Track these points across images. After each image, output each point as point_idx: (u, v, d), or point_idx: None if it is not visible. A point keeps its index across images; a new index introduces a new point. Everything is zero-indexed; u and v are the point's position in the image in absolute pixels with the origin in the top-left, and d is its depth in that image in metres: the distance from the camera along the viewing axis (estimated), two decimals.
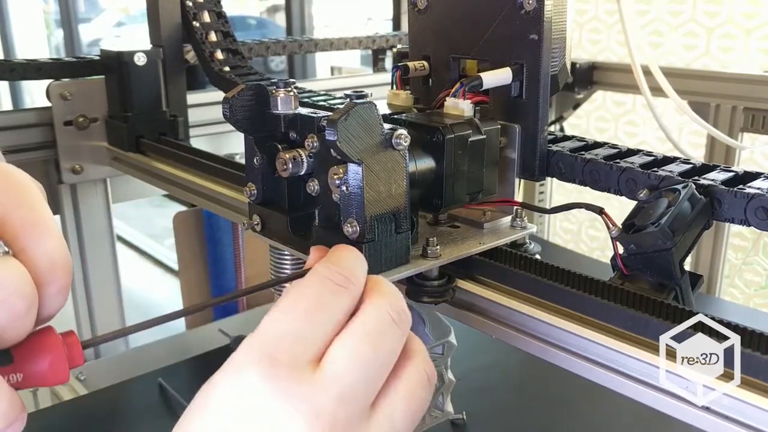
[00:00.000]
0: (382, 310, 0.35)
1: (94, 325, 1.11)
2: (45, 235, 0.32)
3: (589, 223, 2.14)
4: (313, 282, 0.35)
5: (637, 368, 0.41)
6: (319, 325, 0.33)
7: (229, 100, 0.45)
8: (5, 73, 0.96)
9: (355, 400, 0.33)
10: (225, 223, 1.18)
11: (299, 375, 0.32)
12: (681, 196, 0.45)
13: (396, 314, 0.35)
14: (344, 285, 0.35)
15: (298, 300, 0.34)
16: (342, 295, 0.35)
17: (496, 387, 0.92)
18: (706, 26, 1.78)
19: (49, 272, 0.31)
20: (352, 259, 0.37)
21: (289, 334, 0.33)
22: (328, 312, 0.34)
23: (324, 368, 0.32)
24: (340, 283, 0.35)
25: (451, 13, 0.57)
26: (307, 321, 0.33)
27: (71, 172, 1.00)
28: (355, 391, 0.33)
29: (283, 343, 0.32)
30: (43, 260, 0.31)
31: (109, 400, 0.96)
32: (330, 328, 0.34)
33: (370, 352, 0.33)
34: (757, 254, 1.64)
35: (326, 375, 0.32)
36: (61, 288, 0.32)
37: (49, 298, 0.32)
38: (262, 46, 1.17)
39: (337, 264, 0.36)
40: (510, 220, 0.54)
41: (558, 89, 0.54)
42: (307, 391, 0.32)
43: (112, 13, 5.77)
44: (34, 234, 0.31)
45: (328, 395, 0.32)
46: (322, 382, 0.32)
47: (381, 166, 0.42)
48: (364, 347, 0.33)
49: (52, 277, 0.32)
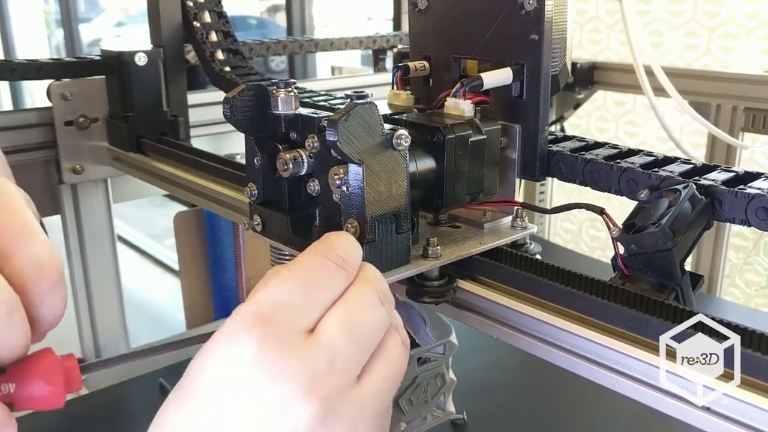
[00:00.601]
0: (370, 289, 0.37)
1: (94, 324, 1.11)
2: (26, 237, 0.32)
3: (589, 223, 2.14)
4: (312, 258, 0.36)
5: (638, 368, 0.41)
6: (314, 298, 0.35)
7: (229, 100, 0.46)
8: (6, 73, 0.96)
9: (346, 368, 0.34)
10: (225, 223, 1.18)
11: (293, 341, 0.33)
12: (682, 196, 0.45)
13: (383, 294, 0.37)
14: (341, 266, 0.36)
15: (296, 273, 0.35)
16: (338, 276, 0.36)
17: (497, 387, 0.92)
18: (706, 26, 1.78)
19: (36, 274, 0.31)
20: (349, 244, 0.38)
21: (285, 304, 0.34)
22: (323, 289, 0.35)
23: (318, 336, 0.34)
24: (338, 264, 0.36)
25: (451, 13, 0.57)
26: (303, 293, 0.34)
27: (72, 172, 1.00)
28: (345, 358, 0.34)
29: (278, 311, 0.33)
30: (28, 263, 0.31)
31: (109, 400, 0.96)
32: (324, 302, 0.35)
33: (360, 325, 0.35)
34: (757, 254, 1.64)
35: (320, 343, 0.33)
36: (52, 286, 0.32)
37: (41, 298, 0.31)
38: (263, 46, 1.17)
39: (334, 245, 0.37)
40: (510, 220, 0.54)
41: (558, 89, 0.54)
42: (302, 357, 0.32)
43: (112, 13, 5.77)
44: (14, 238, 0.31)
45: (322, 361, 0.33)
46: (316, 349, 0.33)
47: (381, 167, 0.42)
48: (355, 320, 0.35)
49: (39, 278, 0.31)
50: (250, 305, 0.34)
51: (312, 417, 0.32)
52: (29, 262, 0.31)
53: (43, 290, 0.32)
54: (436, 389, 0.71)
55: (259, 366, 0.32)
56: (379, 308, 0.37)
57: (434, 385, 0.71)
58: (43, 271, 0.32)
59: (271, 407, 0.32)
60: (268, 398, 0.32)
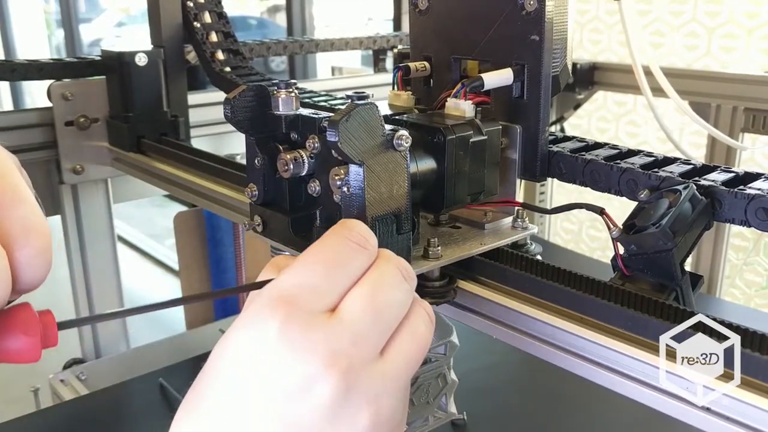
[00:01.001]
0: (393, 267, 0.37)
1: (94, 324, 1.11)
2: (15, 201, 0.32)
3: (589, 223, 2.14)
4: (333, 240, 0.37)
5: (637, 368, 0.41)
6: (337, 279, 0.35)
7: (230, 100, 0.46)
8: (6, 73, 0.96)
9: (368, 342, 0.34)
10: (226, 224, 1.18)
11: (316, 320, 0.33)
12: (682, 196, 0.45)
13: (405, 271, 0.38)
14: (363, 245, 0.37)
15: (318, 255, 0.36)
16: (360, 255, 0.36)
17: (497, 387, 0.92)
18: (707, 26, 1.78)
19: (22, 236, 0.31)
20: (367, 228, 0.39)
21: (307, 286, 0.34)
22: (346, 269, 0.36)
23: (340, 314, 0.34)
24: (360, 243, 0.37)
25: (452, 13, 0.57)
26: (326, 275, 0.35)
27: (72, 173, 1.00)
28: (368, 334, 0.34)
29: (301, 293, 0.34)
30: (15, 225, 0.31)
31: (109, 400, 0.96)
32: (347, 282, 0.35)
33: (383, 300, 0.35)
34: (757, 255, 1.64)
35: (342, 320, 0.34)
36: (39, 251, 0.32)
37: (26, 262, 0.31)
38: (263, 46, 1.17)
39: (355, 228, 0.38)
40: (511, 220, 0.54)
41: (559, 90, 0.54)
42: (324, 335, 0.33)
43: (112, 13, 5.77)
44: (4, 200, 0.31)
45: (344, 338, 0.33)
46: (339, 326, 0.33)
47: (382, 167, 0.42)
48: (378, 296, 0.35)
49: (26, 241, 0.31)
50: (273, 288, 0.34)
51: (334, 390, 0.32)
52: (17, 225, 0.31)
53: (29, 254, 0.31)
54: (438, 390, 0.71)
55: (282, 344, 0.32)
56: (402, 284, 0.37)
57: (436, 386, 0.71)
58: (30, 235, 0.31)
59: (294, 383, 0.32)
60: (291, 374, 0.32)
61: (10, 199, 0.32)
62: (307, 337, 0.33)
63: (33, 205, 0.32)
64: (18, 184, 0.32)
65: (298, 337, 0.32)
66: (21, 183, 0.33)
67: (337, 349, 0.33)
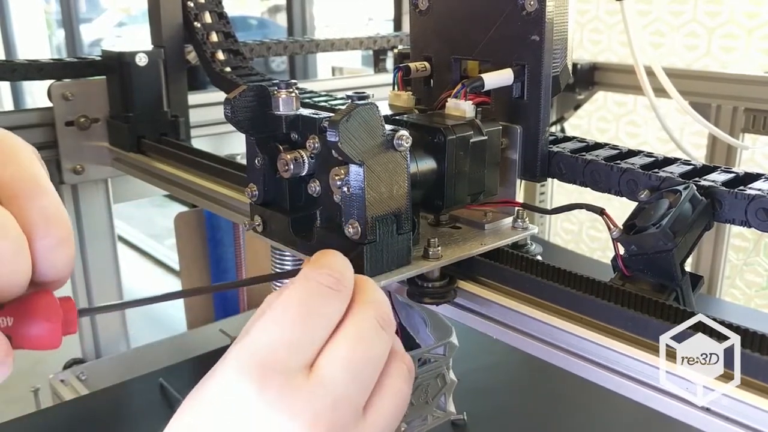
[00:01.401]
0: (371, 316, 0.35)
1: (94, 324, 1.11)
2: (36, 191, 0.31)
3: (589, 223, 2.14)
4: (303, 286, 0.35)
5: (637, 368, 0.41)
6: (313, 330, 0.33)
7: (230, 100, 0.46)
8: (7, 73, 0.96)
9: (349, 403, 0.33)
10: (226, 224, 1.18)
11: (294, 382, 0.32)
12: (682, 197, 0.45)
13: (383, 320, 0.36)
14: (336, 288, 0.35)
15: (289, 305, 0.34)
16: (334, 299, 0.35)
17: (497, 387, 0.92)
18: (707, 26, 1.78)
19: (43, 226, 0.31)
20: (340, 262, 0.37)
21: (282, 342, 0.32)
22: (320, 316, 0.34)
23: (319, 373, 0.33)
24: (332, 286, 0.35)
25: (452, 14, 0.57)
26: (300, 327, 0.33)
27: (72, 173, 1.00)
28: (350, 394, 0.33)
29: (276, 352, 0.32)
30: (37, 215, 0.31)
31: (110, 400, 0.96)
32: (323, 332, 0.34)
33: (362, 357, 0.34)
34: (758, 255, 1.64)
35: (322, 380, 0.32)
36: (61, 240, 0.32)
37: (47, 251, 0.31)
38: (264, 46, 1.17)
39: (327, 266, 0.36)
40: (511, 221, 0.54)
41: (559, 90, 0.54)
42: (304, 398, 0.32)
43: (113, 13, 5.77)
44: (24, 190, 0.31)
45: (325, 400, 0.32)
46: (319, 388, 0.32)
47: (382, 167, 0.42)
48: (357, 353, 0.34)
49: (47, 231, 0.31)
50: (245, 348, 0.32)
51: None
52: (38, 214, 0.31)
53: (49, 244, 0.31)
54: (437, 390, 0.71)
55: (260, 410, 0.31)
56: (380, 334, 0.35)
57: (435, 386, 0.71)
58: (50, 225, 0.31)
59: None
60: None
61: (31, 189, 0.31)
62: (286, 403, 0.31)
63: (54, 195, 0.32)
64: (39, 175, 0.32)
65: (276, 404, 0.31)
66: (42, 173, 0.33)
67: (318, 412, 0.32)
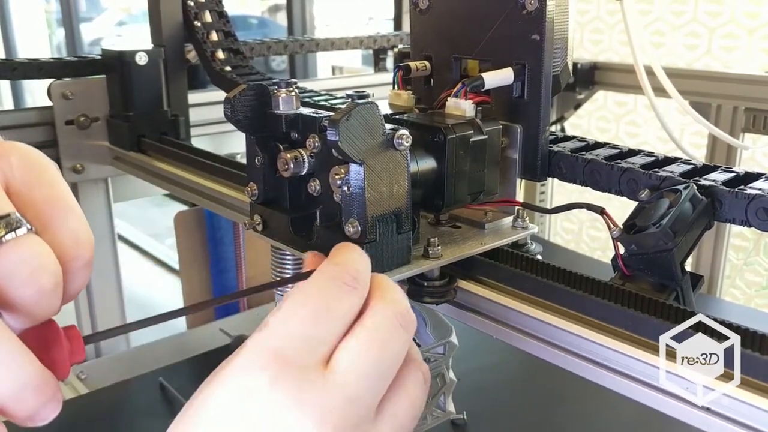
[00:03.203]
0: (389, 314, 0.35)
1: (95, 324, 1.11)
2: (67, 211, 0.32)
3: (590, 223, 2.14)
4: (321, 282, 0.34)
5: (637, 368, 0.41)
6: (329, 326, 0.33)
7: (230, 99, 0.46)
8: (7, 72, 0.96)
9: (363, 402, 0.33)
10: (226, 223, 1.18)
11: (309, 377, 0.32)
12: (682, 196, 0.45)
13: (402, 318, 0.35)
14: (352, 285, 0.35)
15: (307, 300, 0.34)
16: (351, 295, 0.34)
17: (497, 387, 0.92)
18: (708, 26, 1.78)
19: (74, 248, 0.31)
20: (357, 258, 0.36)
21: (299, 336, 0.32)
22: (337, 313, 0.34)
23: (333, 370, 0.32)
24: (349, 283, 0.34)
25: (452, 13, 0.57)
26: (317, 322, 0.33)
27: (72, 172, 1.00)
28: (363, 393, 0.33)
29: (292, 345, 0.32)
30: (68, 237, 0.31)
31: (109, 399, 0.96)
32: (339, 329, 0.34)
33: (378, 356, 0.33)
34: (758, 255, 1.64)
35: (336, 377, 0.32)
36: (87, 262, 0.32)
37: (75, 273, 0.32)
38: (264, 45, 1.17)
39: (343, 263, 0.35)
40: (511, 220, 0.54)
41: (560, 89, 0.54)
42: (317, 394, 0.31)
43: (113, 12, 5.77)
44: (56, 211, 0.31)
45: (338, 397, 0.32)
46: (332, 385, 0.32)
47: (382, 167, 0.42)
48: (373, 351, 0.33)
49: (77, 252, 0.31)
50: (262, 339, 0.32)
51: None
52: (69, 236, 0.31)
53: (79, 265, 0.32)
54: (436, 389, 0.71)
55: (272, 402, 0.31)
56: (400, 334, 0.35)
57: (434, 386, 0.71)
58: (80, 246, 0.31)
59: None
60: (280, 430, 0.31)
61: (64, 210, 0.32)
62: (300, 395, 0.31)
63: (80, 214, 0.32)
64: (68, 193, 0.33)
65: (290, 395, 0.31)
66: (69, 191, 0.33)
67: (330, 409, 0.31)
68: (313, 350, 0.32)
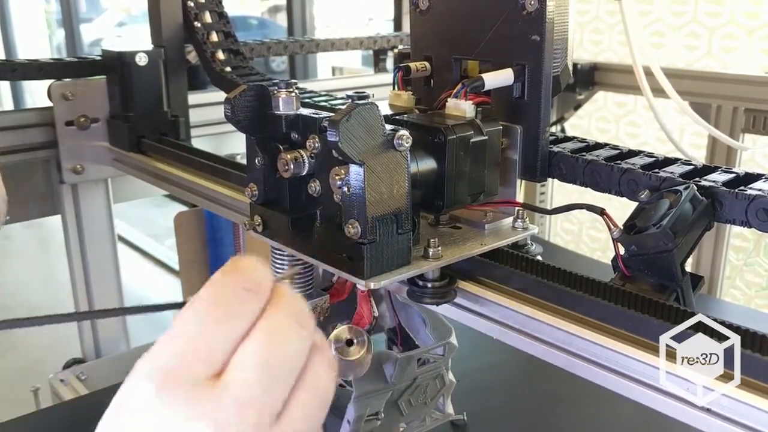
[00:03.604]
0: (283, 314, 0.34)
1: (94, 324, 1.11)
2: None
3: (590, 223, 2.14)
4: (217, 286, 0.33)
5: (638, 369, 0.41)
6: (223, 334, 0.32)
7: (230, 100, 0.46)
8: (7, 73, 0.96)
9: (261, 404, 0.32)
10: (226, 224, 1.17)
11: (199, 391, 0.31)
12: (682, 197, 0.45)
13: (298, 316, 0.34)
14: (252, 289, 0.33)
15: (199, 310, 0.32)
16: (249, 300, 0.33)
17: (497, 388, 0.92)
18: (707, 26, 1.78)
19: None
20: (257, 266, 0.35)
21: (188, 353, 0.31)
22: (233, 319, 0.32)
23: (226, 378, 0.31)
24: (248, 287, 0.33)
25: (453, 14, 0.57)
26: (208, 333, 0.32)
27: (72, 172, 1.00)
28: (259, 396, 0.32)
29: (181, 362, 0.31)
30: None
31: (109, 399, 0.96)
32: (236, 336, 0.32)
33: (272, 357, 0.32)
34: (758, 255, 1.64)
35: (229, 385, 0.31)
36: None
37: None
38: (264, 46, 1.17)
39: (243, 268, 0.34)
40: (511, 221, 0.54)
41: (560, 90, 0.54)
42: (210, 407, 0.30)
43: (113, 12, 5.77)
44: None
45: (232, 405, 0.31)
46: (225, 393, 0.31)
47: (383, 167, 0.42)
48: (267, 352, 0.32)
49: None
50: (146, 360, 0.31)
51: None
52: None
53: None
54: (436, 391, 0.71)
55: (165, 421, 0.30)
56: (296, 331, 0.33)
57: (434, 387, 0.71)
58: None
59: None
60: None
61: None
62: (191, 414, 0.30)
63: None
64: None
65: (181, 416, 0.30)
66: None
67: (226, 419, 0.30)
68: (204, 365, 0.31)
